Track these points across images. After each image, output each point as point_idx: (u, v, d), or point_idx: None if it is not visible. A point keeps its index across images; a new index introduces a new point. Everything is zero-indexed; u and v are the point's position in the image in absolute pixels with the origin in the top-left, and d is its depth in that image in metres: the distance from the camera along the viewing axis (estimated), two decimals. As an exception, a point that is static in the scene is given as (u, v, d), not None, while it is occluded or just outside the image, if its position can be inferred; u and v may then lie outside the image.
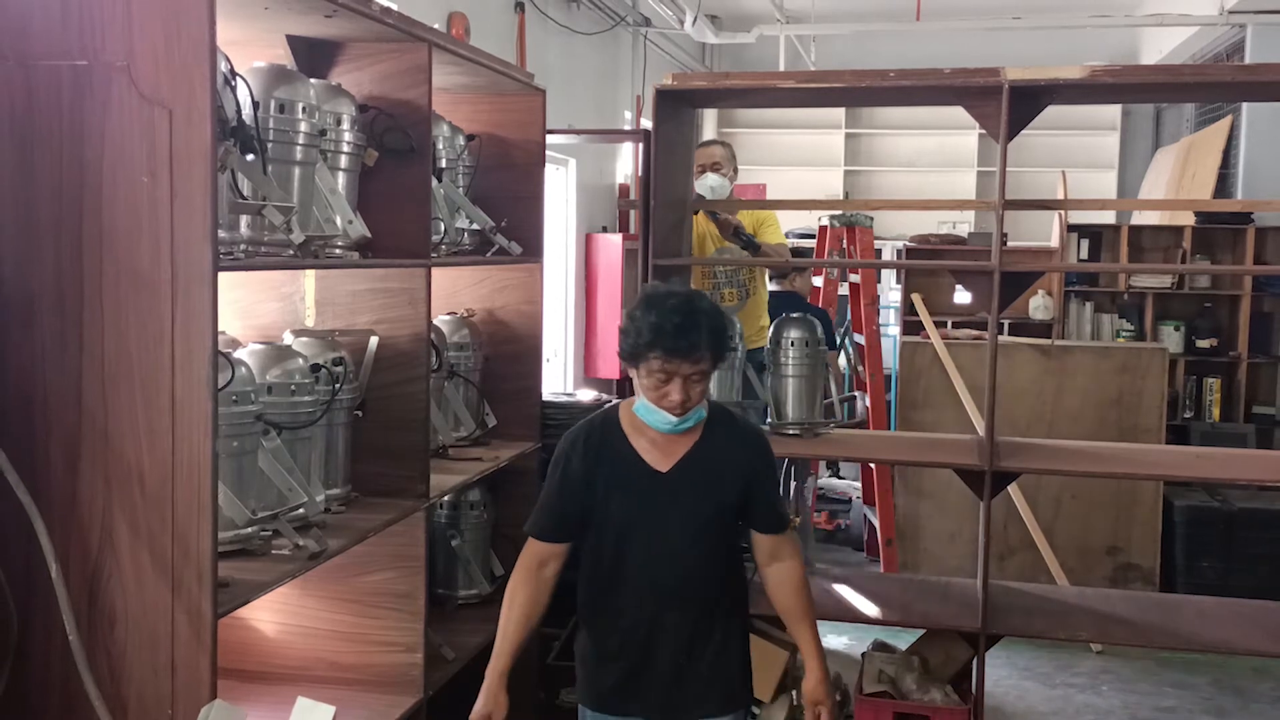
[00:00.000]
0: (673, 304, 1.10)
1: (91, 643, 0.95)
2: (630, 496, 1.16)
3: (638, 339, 1.10)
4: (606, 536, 1.17)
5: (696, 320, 1.10)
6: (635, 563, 1.16)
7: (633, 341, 1.11)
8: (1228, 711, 2.12)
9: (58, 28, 0.96)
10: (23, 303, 0.97)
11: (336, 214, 1.20)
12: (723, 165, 2.39)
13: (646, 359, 1.10)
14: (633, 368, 1.13)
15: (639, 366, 1.12)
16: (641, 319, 1.10)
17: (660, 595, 1.16)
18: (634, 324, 1.11)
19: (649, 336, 1.09)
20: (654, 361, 1.10)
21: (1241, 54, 3.82)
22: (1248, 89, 2.03)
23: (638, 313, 1.11)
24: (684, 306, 1.10)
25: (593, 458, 1.16)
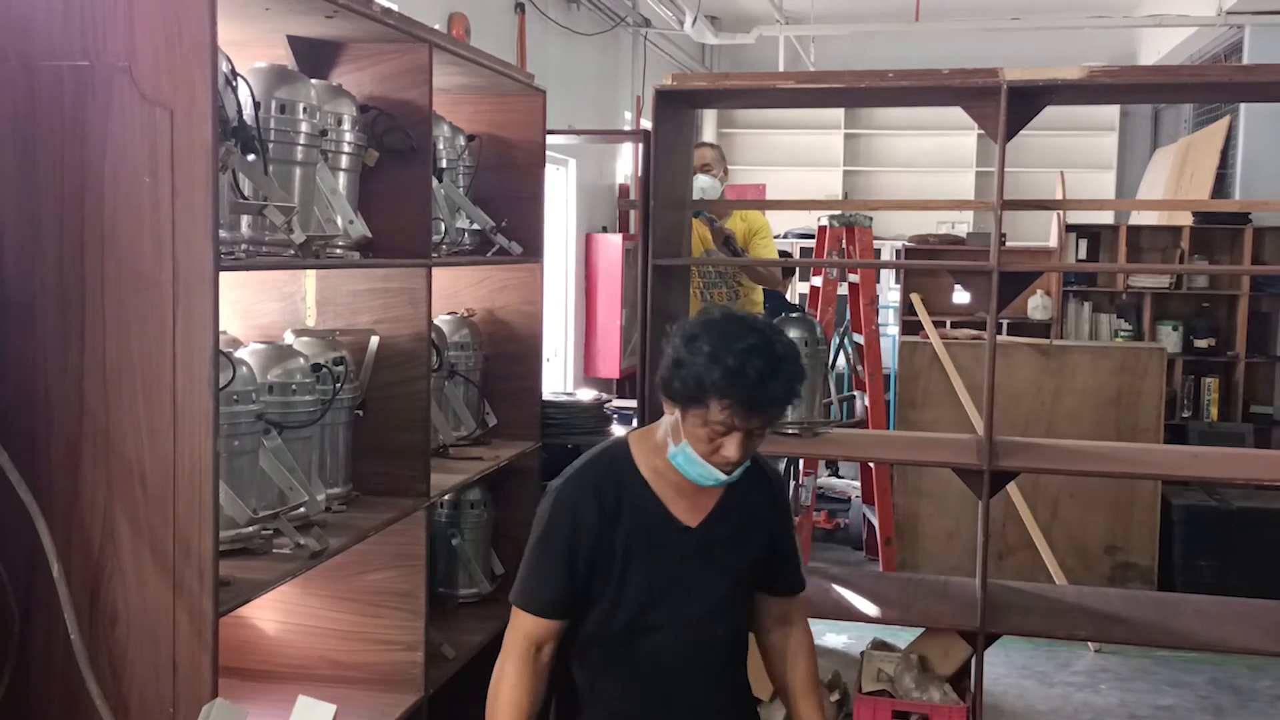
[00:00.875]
0: (752, 344, 0.87)
1: (93, 641, 0.96)
2: (656, 558, 0.93)
3: (703, 381, 0.87)
4: (621, 607, 0.94)
5: (779, 367, 0.87)
6: (657, 637, 0.94)
7: (694, 383, 0.87)
8: (1225, 710, 2.13)
9: (59, 28, 0.96)
10: (25, 302, 0.98)
11: (337, 214, 1.20)
12: (713, 166, 2.41)
13: (707, 405, 0.87)
14: (680, 409, 0.90)
15: (692, 410, 0.89)
16: (711, 357, 0.87)
17: (685, 674, 0.95)
18: (697, 360, 0.87)
19: (721, 382, 0.86)
20: (718, 411, 0.87)
21: (1239, 54, 3.82)
22: (1245, 89, 2.03)
23: (704, 346, 0.88)
24: (765, 349, 0.87)
25: (610, 510, 0.93)
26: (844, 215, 2.82)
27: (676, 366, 0.91)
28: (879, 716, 1.73)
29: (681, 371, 0.90)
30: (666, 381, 0.92)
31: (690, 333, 0.92)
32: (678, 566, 0.95)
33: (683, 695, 0.97)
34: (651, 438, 0.98)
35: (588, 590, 0.96)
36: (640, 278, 1.81)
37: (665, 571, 0.95)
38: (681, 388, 0.90)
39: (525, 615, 0.97)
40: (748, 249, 2.39)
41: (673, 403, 0.93)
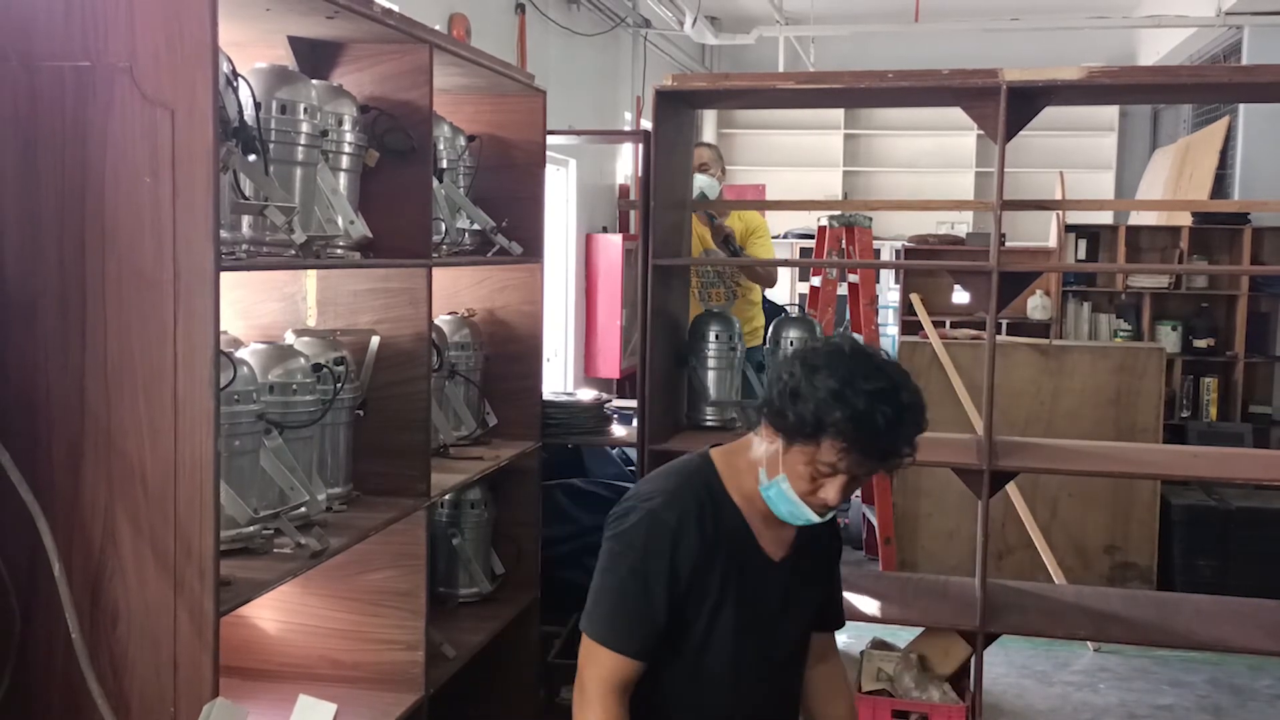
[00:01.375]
0: (882, 387, 0.79)
1: (94, 641, 0.95)
2: (747, 596, 0.86)
3: (822, 419, 0.78)
4: (710, 650, 0.85)
5: (906, 416, 0.80)
6: (739, 681, 0.87)
7: (812, 418, 0.79)
8: (1224, 709, 2.13)
9: (60, 29, 0.96)
10: (26, 302, 0.98)
11: (338, 214, 1.20)
12: (710, 166, 2.42)
13: (819, 444, 0.79)
14: (784, 440, 0.81)
15: (799, 445, 0.80)
16: (836, 394, 0.78)
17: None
18: (819, 394, 0.79)
19: (844, 424, 0.78)
20: (831, 453, 0.79)
21: (1238, 55, 3.83)
22: (1244, 90, 2.04)
23: (829, 381, 0.79)
24: (894, 394, 0.80)
25: (710, 539, 0.84)
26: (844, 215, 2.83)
27: (793, 397, 0.82)
28: (879, 716, 1.73)
29: (798, 404, 0.81)
30: (778, 411, 0.83)
31: (813, 363, 0.82)
32: (765, 608, 0.88)
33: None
34: (739, 459, 0.89)
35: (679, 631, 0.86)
36: (640, 278, 1.81)
37: (754, 613, 0.87)
38: (795, 421, 0.81)
39: (612, 655, 0.86)
40: (745, 248, 2.40)
41: (778, 433, 0.84)
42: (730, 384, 1.93)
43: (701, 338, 1.91)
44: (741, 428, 1.05)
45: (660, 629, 0.87)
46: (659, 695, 0.88)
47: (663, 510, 0.87)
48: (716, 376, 1.92)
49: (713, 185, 2.37)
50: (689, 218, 2.01)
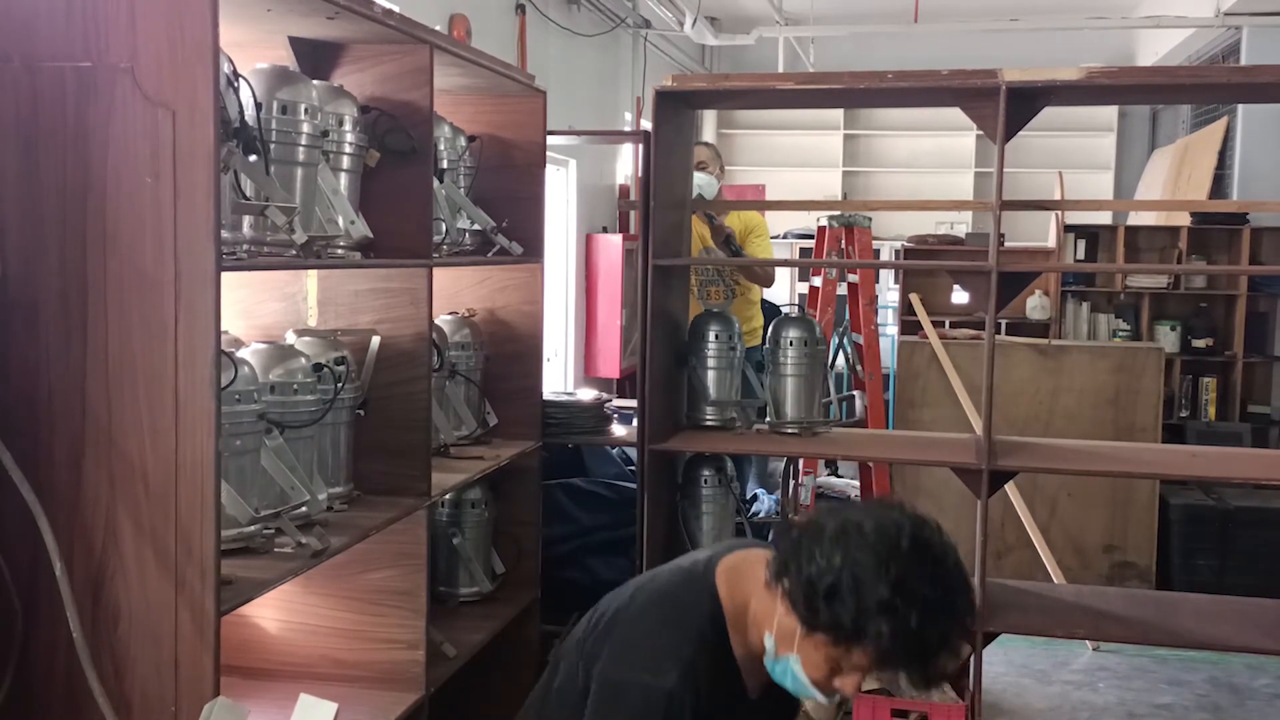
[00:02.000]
0: (941, 601, 0.69)
1: (95, 640, 0.96)
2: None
3: (864, 627, 0.68)
4: None
5: (954, 629, 0.70)
6: None
7: (851, 625, 0.68)
8: (1223, 708, 2.14)
9: (62, 30, 0.96)
10: (27, 303, 0.98)
11: (339, 214, 1.21)
12: (708, 165, 2.42)
13: (852, 649, 0.70)
14: (805, 628, 0.70)
15: (843, 645, 0.70)
16: (887, 605, 0.67)
17: None
18: (866, 602, 0.67)
19: (889, 641, 0.67)
20: (866, 661, 0.70)
21: (1237, 55, 3.83)
22: (1243, 90, 2.04)
23: (881, 590, 0.67)
24: (949, 608, 0.69)
25: (704, 693, 0.78)
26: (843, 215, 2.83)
27: (830, 595, 0.71)
28: (878, 715, 1.74)
29: (836, 604, 0.70)
30: (808, 604, 0.72)
31: (860, 557, 0.70)
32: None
33: None
34: (746, 599, 0.78)
35: None
36: (640, 278, 1.81)
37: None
38: (828, 621, 0.71)
39: None
40: (744, 248, 2.40)
41: (803, 620, 0.73)
42: (730, 384, 1.93)
43: (701, 338, 1.92)
44: (742, 427, 0.89)
45: None
46: None
47: (679, 689, 0.77)
48: (716, 376, 1.92)
49: (711, 184, 2.38)
50: (689, 218, 2.01)
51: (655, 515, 1.80)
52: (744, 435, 1.89)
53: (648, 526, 1.78)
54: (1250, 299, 3.61)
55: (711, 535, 1.90)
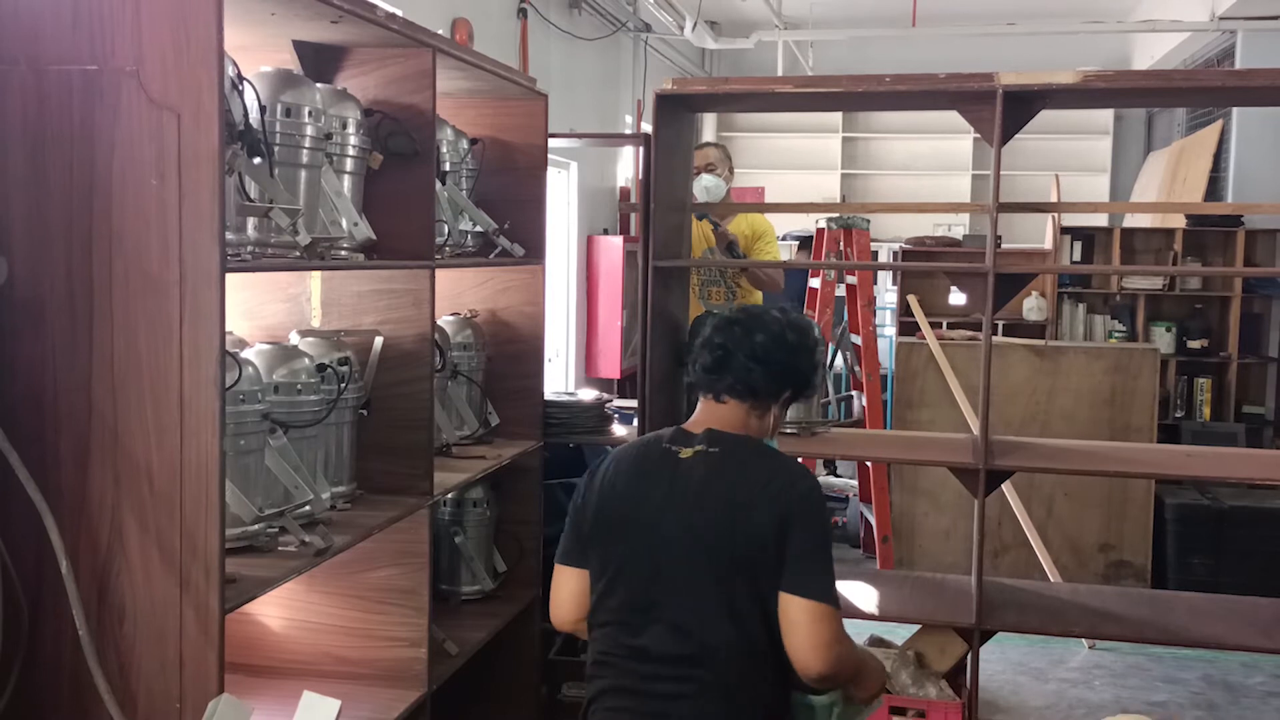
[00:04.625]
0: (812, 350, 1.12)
1: (101, 638, 0.96)
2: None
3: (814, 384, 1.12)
4: None
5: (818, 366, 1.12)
6: None
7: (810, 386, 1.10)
8: (1218, 706, 2.15)
9: (68, 33, 0.97)
10: (34, 303, 0.99)
11: (342, 216, 1.22)
12: (717, 166, 2.40)
13: (785, 397, 1.11)
14: (780, 408, 1.08)
15: (773, 402, 1.06)
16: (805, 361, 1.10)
17: None
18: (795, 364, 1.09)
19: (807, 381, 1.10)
20: (792, 399, 1.10)
21: (1232, 59, 3.85)
22: (1238, 94, 2.05)
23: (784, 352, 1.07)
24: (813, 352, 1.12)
25: None
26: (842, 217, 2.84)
27: (769, 378, 1.07)
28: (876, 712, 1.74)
29: (764, 383, 1.06)
30: (755, 392, 1.05)
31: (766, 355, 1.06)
32: None
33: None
34: (744, 425, 1.06)
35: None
36: (641, 279, 1.82)
37: None
38: (768, 392, 1.06)
39: (837, 611, 0.94)
40: (751, 253, 2.40)
41: (759, 407, 1.06)
42: (729, 384, 1.94)
43: (701, 338, 1.94)
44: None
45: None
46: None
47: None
48: (714, 377, 1.93)
49: (719, 186, 2.35)
50: (689, 220, 2.02)
51: (655, 515, 1.82)
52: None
53: (648, 526, 1.79)
54: (1245, 300, 3.63)
55: (711, 535, 1.91)
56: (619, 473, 1.03)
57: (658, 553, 0.97)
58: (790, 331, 1.04)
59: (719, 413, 1.04)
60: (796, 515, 0.95)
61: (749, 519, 0.95)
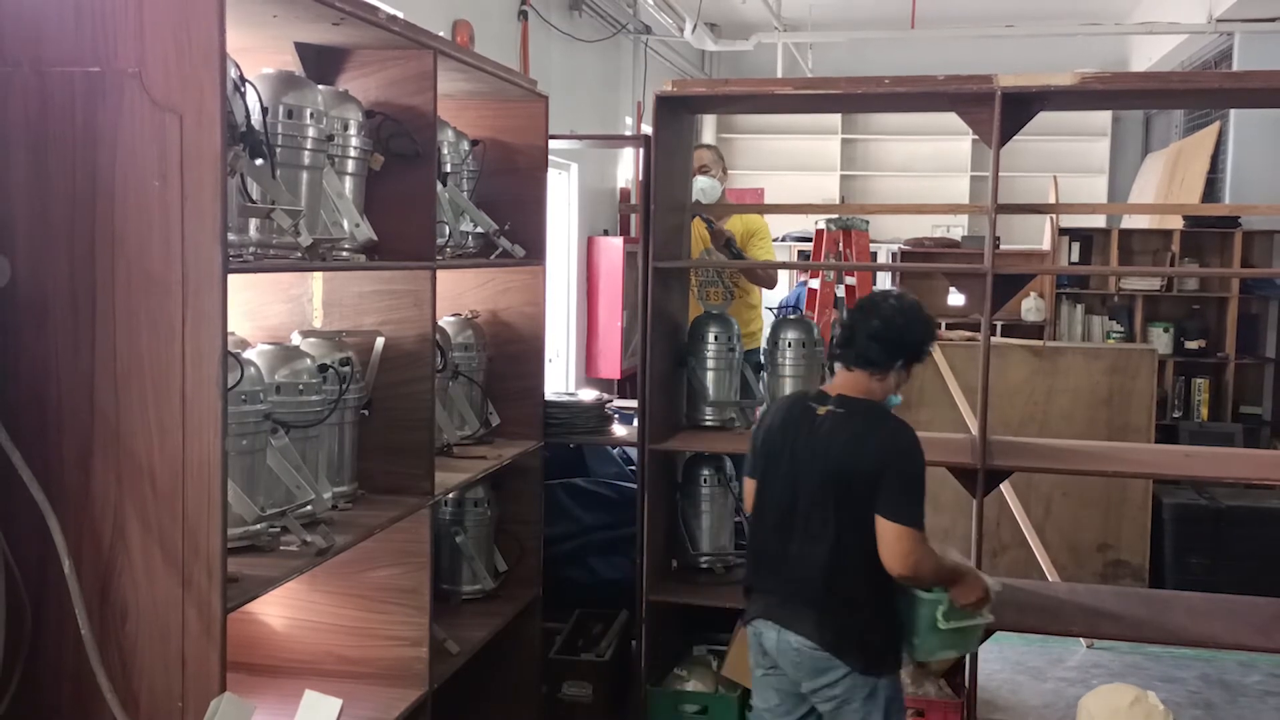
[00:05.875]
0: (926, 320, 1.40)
1: (103, 636, 0.97)
2: None
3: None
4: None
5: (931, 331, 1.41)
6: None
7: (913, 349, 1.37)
8: (1215, 705, 2.15)
9: (71, 35, 0.98)
10: (37, 304, 0.99)
11: (344, 217, 1.22)
12: (711, 168, 2.42)
13: (902, 361, 1.36)
14: (882, 370, 1.35)
15: (891, 369, 1.36)
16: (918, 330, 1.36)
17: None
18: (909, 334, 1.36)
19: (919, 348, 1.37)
20: (909, 364, 1.37)
21: (1229, 61, 3.86)
22: (1235, 95, 2.07)
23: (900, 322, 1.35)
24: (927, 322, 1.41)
25: None
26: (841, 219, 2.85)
27: (880, 346, 1.36)
28: (875, 712, 1.74)
29: (882, 350, 1.36)
30: (871, 359, 1.36)
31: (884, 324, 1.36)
32: None
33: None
34: (862, 388, 1.38)
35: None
36: (641, 280, 1.83)
37: None
38: (883, 359, 1.37)
39: (921, 532, 1.29)
40: (745, 251, 2.42)
41: (878, 374, 1.37)
42: (729, 384, 1.94)
43: (700, 339, 1.93)
44: (741, 427, 1.57)
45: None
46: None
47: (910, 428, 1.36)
48: (715, 377, 1.93)
49: (714, 187, 2.38)
50: (689, 221, 2.03)
51: (655, 514, 1.82)
52: (743, 435, 1.90)
53: (648, 525, 1.79)
54: (1242, 301, 3.63)
55: (711, 534, 1.92)
56: (773, 418, 1.42)
57: (794, 481, 1.35)
58: (899, 315, 1.35)
59: (849, 379, 1.37)
60: (892, 461, 1.29)
61: (858, 462, 1.30)
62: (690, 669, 1.89)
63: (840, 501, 1.30)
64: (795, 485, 1.34)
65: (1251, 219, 3.61)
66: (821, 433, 1.33)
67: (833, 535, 1.30)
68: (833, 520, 1.30)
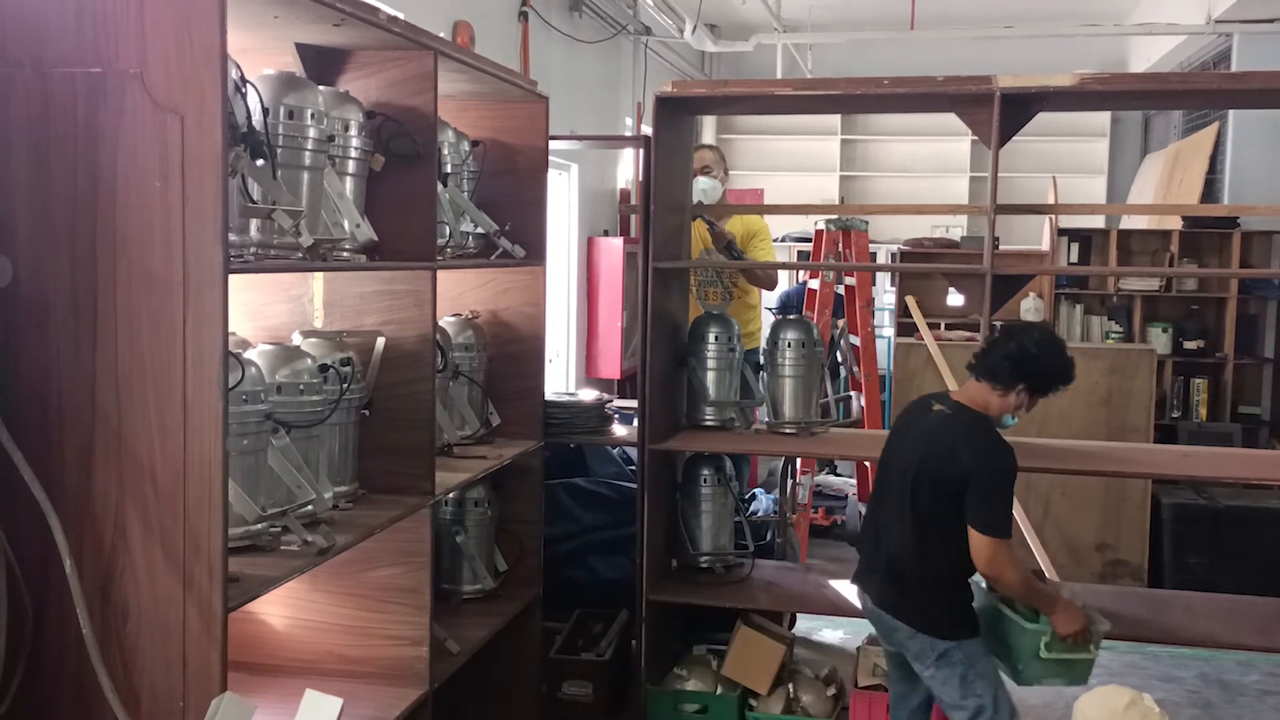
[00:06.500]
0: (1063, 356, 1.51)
1: (105, 636, 0.97)
2: None
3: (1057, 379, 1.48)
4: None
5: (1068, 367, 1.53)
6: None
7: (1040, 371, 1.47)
8: (1214, 704, 2.15)
9: (72, 36, 0.98)
10: (38, 304, 0.99)
11: (344, 218, 1.22)
12: (712, 168, 2.42)
13: (1027, 384, 1.46)
14: (1006, 389, 1.46)
15: (1018, 389, 1.46)
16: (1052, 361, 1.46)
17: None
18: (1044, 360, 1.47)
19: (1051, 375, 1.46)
20: (1033, 391, 1.47)
21: (1228, 62, 3.87)
22: (1234, 96, 2.08)
23: (1045, 353, 1.46)
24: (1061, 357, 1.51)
25: None
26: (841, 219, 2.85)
27: (1013, 365, 1.47)
28: (874, 710, 1.76)
29: (1016, 370, 1.46)
30: (1000, 376, 1.47)
31: (1021, 348, 1.46)
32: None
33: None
34: (976, 400, 1.50)
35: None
36: (641, 280, 1.83)
37: None
38: (1012, 378, 1.47)
39: (1005, 541, 1.41)
40: (746, 252, 2.42)
41: (1002, 388, 1.48)
42: (729, 385, 1.94)
43: (700, 339, 1.94)
44: (741, 427, 1.66)
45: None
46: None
47: (1004, 441, 1.48)
48: (715, 377, 1.94)
49: (715, 187, 2.38)
50: (689, 221, 2.04)
51: (655, 514, 1.82)
52: (743, 435, 1.92)
53: (648, 525, 1.80)
54: (1240, 301, 3.64)
55: (710, 533, 1.92)
56: (903, 411, 1.60)
57: (897, 466, 1.49)
58: (1036, 345, 1.46)
59: (973, 388, 1.50)
60: (980, 470, 1.41)
61: (949, 462, 1.43)
62: (690, 669, 1.89)
63: (925, 491, 1.43)
64: (897, 469, 1.49)
65: (1250, 219, 3.62)
66: (928, 428, 1.47)
67: (912, 518, 1.44)
68: (917, 505, 1.44)
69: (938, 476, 1.42)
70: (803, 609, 2.06)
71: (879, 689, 1.77)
